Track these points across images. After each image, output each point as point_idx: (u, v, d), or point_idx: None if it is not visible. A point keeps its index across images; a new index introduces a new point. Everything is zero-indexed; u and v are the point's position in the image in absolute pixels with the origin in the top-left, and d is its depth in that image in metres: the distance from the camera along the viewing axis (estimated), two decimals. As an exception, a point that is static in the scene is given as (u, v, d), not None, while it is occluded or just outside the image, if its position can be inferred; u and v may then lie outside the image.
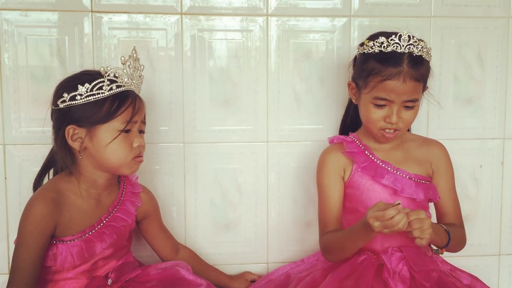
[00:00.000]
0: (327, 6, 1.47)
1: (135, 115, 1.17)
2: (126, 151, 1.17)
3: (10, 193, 1.42)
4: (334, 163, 1.34)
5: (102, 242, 1.19)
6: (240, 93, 1.47)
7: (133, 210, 1.27)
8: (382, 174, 1.29)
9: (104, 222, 1.21)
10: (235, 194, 1.51)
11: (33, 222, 1.13)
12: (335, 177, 1.34)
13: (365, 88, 1.26)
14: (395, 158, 1.33)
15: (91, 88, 1.14)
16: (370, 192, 1.30)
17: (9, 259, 1.43)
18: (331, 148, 1.37)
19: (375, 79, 1.23)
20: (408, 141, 1.37)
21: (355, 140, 1.34)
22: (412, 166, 1.32)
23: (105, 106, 1.15)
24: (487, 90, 1.55)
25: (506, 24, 1.53)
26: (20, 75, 1.39)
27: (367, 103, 1.27)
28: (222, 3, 1.44)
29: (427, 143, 1.38)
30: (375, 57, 1.24)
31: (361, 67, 1.28)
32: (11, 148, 1.41)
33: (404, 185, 1.28)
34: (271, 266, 1.53)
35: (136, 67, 1.21)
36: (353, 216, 1.33)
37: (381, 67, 1.22)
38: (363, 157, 1.31)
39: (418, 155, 1.35)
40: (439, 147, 1.37)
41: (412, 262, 1.22)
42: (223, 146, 1.49)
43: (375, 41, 1.24)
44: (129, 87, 1.18)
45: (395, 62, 1.21)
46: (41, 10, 1.38)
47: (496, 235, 1.60)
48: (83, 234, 1.18)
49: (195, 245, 1.51)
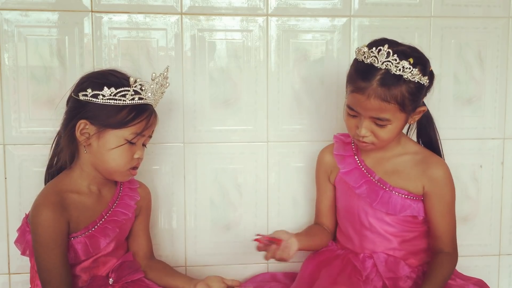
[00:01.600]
0: (327, 6, 1.47)
1: (146, 129, 1.19)
2: (125, 160, 1.19)
3: (10, 193, 1.42)
4: (324, 163, 1.39)
5: (105, 237, 1.20)
6: (240, 93, 1.47)
7: (133, 204, 1.27)
8: (359, 183, 1.27)
9: (106, 217, 1.22)
10: (235, 194, 1.51)
11: (48, 227, 1.13)
12: (324, 177, 1.39)
13: (346, 93, 1.24)
14: (383, 168, 1.29)
15: (116, 93, 1.15)
16: (350, 198, 1.32)
17: (9, 259, 1.44)
18: (326, 148, 1.40)
19: (348, 87, 1.21)
20: (408, 154, 1.30)
21: (352, 142, 1.33)
22: (398, 180, 1.27)
23: (121, 113, 1.16)
24: (487, 90, 1.55)
25: (506, 24, 1.53)
26: (20, 75, 1.39)
27: (344, 108, 1.25)
28: (222, 3, 1.44)
29: (426, 162, 1.28)
30: (356, 65, 1.21)
31: (348, 71, 1.24)
32: (11, 148, 1.41)
33: (380, 197, 1.25)
34: (271, 266, 1.53)
35: (162, 84, 1.22)
36: (339, 216, 1.38)
37: (355, 77, 1.18)
38: (349, 161, 1.31)
39: (410, 172, 1.27)
40: (439, 169, 1.27)
41: (382, 268, 1.24)
42: (223, 146, 1.49)
43: (359, 50, 1.19)
44: (150, 101, 1.20)
45: (366, 77, 1.15)
46: (41, 10, 1.38)
47: (496, 235, 1.60)
48: (87, 230, 1.19)
49: (195, 245, 1.51)
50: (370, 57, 1.16)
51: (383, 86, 1.14)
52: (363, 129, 1.19)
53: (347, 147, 1.34)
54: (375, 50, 1.14)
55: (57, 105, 1.33)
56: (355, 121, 1.22)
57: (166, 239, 1.49)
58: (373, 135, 1.20)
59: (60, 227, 1.14)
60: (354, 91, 1.18)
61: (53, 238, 1.13)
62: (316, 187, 1.43)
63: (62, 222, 1.15)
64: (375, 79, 1.14)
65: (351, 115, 1.22)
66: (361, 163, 1.30)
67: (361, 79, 1.16)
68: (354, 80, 1.18)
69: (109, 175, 1.22)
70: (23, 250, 1.22)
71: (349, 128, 1.25)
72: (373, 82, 1.14)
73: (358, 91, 1.16)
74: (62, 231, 1.15)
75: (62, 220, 1.15)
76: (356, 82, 1.17)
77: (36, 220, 1.14)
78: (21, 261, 1.40)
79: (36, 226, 1.14)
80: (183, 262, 1.51)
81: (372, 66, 1.15)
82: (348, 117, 1.23)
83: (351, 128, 1.24)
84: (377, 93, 1.14)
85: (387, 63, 1.14)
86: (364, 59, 1.17)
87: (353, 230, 1.32)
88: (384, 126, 1.19)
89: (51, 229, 1.13)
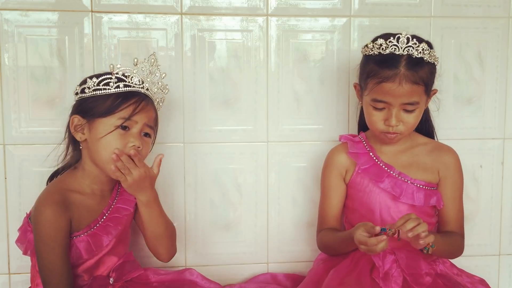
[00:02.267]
0: (327, 6, 1.47)
1: (135, 114, 1.17)
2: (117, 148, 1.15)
3: (10, 193, 1.42)
4: (337, 164, 1.36)
5: (108, 235, 1.21)
6: (240, 93, 1.47)
7: (132, 198, 1.26)
8: (382, 178, 1.29)
9: (107, 215, 1.22)
10: (235, 194, 1.51)
11: (50, 227, 1.13)
12: (337, 178, 1.36)
13: (365, 90, 1.26)
14: (400, 162, 1.32)
15: (98, 82, 1.18)
16: (370, 194, 1.31)
17: (9, 259, 1.44)
18: (337, 148, 1.39)
19: (372, 81, 1.23)
20: (419, 145, 1.35)
21: (362, 140, 1.35)
22: (417, 172, 1.31)
23: (108, 101, 1.17)
24: (487, 90, 1.55)
25: (506, 24, 1.53)
26: (20, 75, 1.39)
27: (367, 105, 1.27)
28: (222, 3, 1.44)
29: (438, 149, 1.35)
30: (374, 59, 1.24)
31: (363, 69, 1.29)
32: (11, 148, 1.41)
33: (404, 190, 1.28)
34: (271, 266, 1.53)
35: (152, 72, 1.22)
36: (354, 215, 1.35)
37: (378, 69, 1.22)
38: (366, 158, 1.32)
39: (426, 161, 1.33)
40: (451, 155, 1.34)
41: (404, 265, 1.22)
42: (223, 146, 1.49)
43: (374, 43, 1.24)
44: (139, 89, 1.20)
45: (392, 64, 1.20)
46: (41, 10, 1.38)
47: (496, 235, 1.60)
48: (89, 229, 1.19)
49: (195, 245, 1.51)
50: (389, 47, 1.21)
51: (410, 69, 1.20)
52: (393, 118, 1.22)
53: (359, 145, 1.34)
54: (393, 39, 1.21)
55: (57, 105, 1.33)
56: (382, 114, 1.24)
57: (166, 239, 1.49)
58: (402, 123, 1.24)
59: (62, 226, 1.14)
60: (382, 81, 1.21)
61: (55, 237, 1.13)
62: (325, 190, 1.38)
63: (64, 221, 1.15)
64: (401, 65, 1.20)
65: (378, 108, 1.24)
66: (378, 159, 1.32)
67: (388, 68, 1.20)
68: (379, 72, 1.21)
69: (103, 166, 1.19)
70: (25, 249, 1.22)
71: (375, 122, 1.26)
72: (400, 68, 1.20)
73: (388, 80, 1.20)
74: (63, 230, 1.15)
75: (64, 219, 1.15)
76: (382, 72, 1.21)
77: (38, 219, 1.15)
78: (21, 261, 1.40)
79: (38, 225, 1.15)
80: (183, 262, 1.51)
81: (394, 55, 1.21)
82: (374, 111, 1.25)
83: (377, 122, 1.25)
84: (407, 77, 1.19)
85: (408, 48, 1.20)
86: (382, 51, 1.22)
87: None
88: (413, 111, 1.24)
89: (53, 227, 1.13)
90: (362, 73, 1.29)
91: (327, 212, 1.37)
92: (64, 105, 1.38)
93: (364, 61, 1.29)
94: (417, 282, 1.20)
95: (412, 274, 1.22)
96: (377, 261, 1.23)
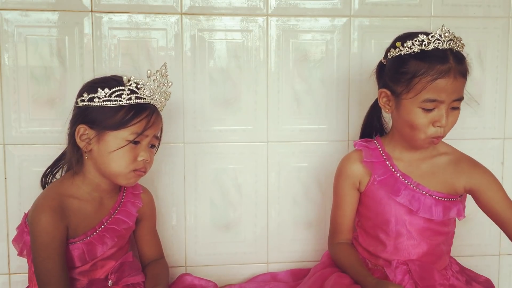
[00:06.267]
0: (327, 6, 1.47)
1: (147, 129, 1.16)
2: (127, 162, 1.16)
3: (10, 193, 1.42)
4: (350, 173, 1.29)
5: (103, 245, 1.19)
6: (240, 93, 1.47)
7: (134, 212, 1.26)
8: (399, 191, 1.22)
9: (105, 225, 1.21)
10: (235, 194, 1.51)
11: (47, 232, 1.12)
12: (350, 188, 1.30)
13: (409, 93, 1.16)
14: (419, 171, 1.25)
15: (110, 94, 1.14)
16: (385, 206, 1.25)
17: (9, 259, 1.44)
18: (350, 157, 1.32)
19: (423, 80, 1.14)
20: (441, 154, 1.28)
21: (378, 147, 1.28)
22: (436, 183, 1.24)
23: (119, 114, 1.14)
24: (487, 90, 1.55)
25: (506, 24, 1.53)
26: (20, 75, 1.39)
27: (412, 108, 1.16)
28: (222, 3, 1.44)
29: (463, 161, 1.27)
30: (416, 57, 1.15)
31: (399, 70, 1.18)
32: (11, 148, 1.41)
33: (422, 204, 1.21)
34: (271, 266, 1.53)
35: (162, 83, 1.20)
36: (368, 223, 1.30)
37: (427, 66, 1.13)
38: (382, 168, 1.25)
39: (448, 172, 1.25)
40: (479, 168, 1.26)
41: (417, 276, 1.19)
42: (223, 146, 1.49)
43: (414, 40, 1.15)
44: (149, 100, 1.18)
45: (442, 59, 1.13)
46: (41, 10, 1.38)
47: (496, 235, 1.60)
48: (85, 237, 1.18)
49: (195, 245, 1.51)
50: (432, 42, 1.14)
51: (459, 63, 1.15)
52: (444, 118, 1.15)
53: (375, 153, 1.27)
54: (435, 34, 1.14)
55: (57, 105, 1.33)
56: (430, 116, 1.16)
57: (166, 239, 1.49)
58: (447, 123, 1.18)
59: (58, 233, 1.13)
60: (437, 78, 1.12)
61: (51, 244, 1.12)
62: (338, 199, 1.33)
63: (60, 227, 1.13)
64: (450, 58, 1.14)
65: (428, 110, 1.15)
66: (394, 168, 1.25)
67: (440, 63, 1.13)
68: (430, 68, 1.13)
69: (114, 178, 1.19)
70: (20, 250, 1.22)
71: (424, 126, 1.17)
72: (451, 62, 1.14)
73: (443, 76, 1.13)
74: (60, 236, 1.13)
75: (61, 225, 1.13)
76: (434, 68, 1.13)
77: (35, 226, 1.13)
78: (21, 261, 1.40)
79: (35, 231, 1.13)
80: (183, 262, 1.51)
81: (438, 50, 1.14)
82: (423, 114, 1.16)
83: (425, 125, 1.16)
84: (459, 70, 1.14)
85: (450, 42, 1.15)
86: (425, 47, 1.14)
87: (386, 237, 1.25)
88: (458, 108, 1.18)
89: (50, 234, 1.12)
90: (398, 75, 1.18)
91: (340, 222, 1.32)
92: (64, 105, 1.38)
93: (399, 62, 1.18)
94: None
95: (426, 286, 1.19)
96: (389, 273, 1.21)
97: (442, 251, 1.27)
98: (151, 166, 1.23)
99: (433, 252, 1.25)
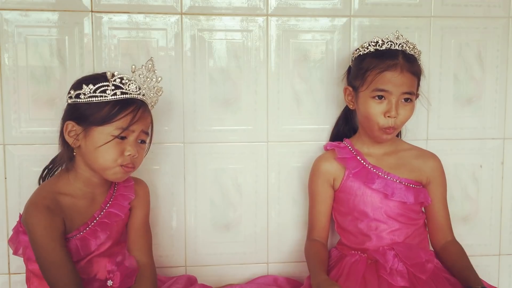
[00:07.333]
0: (327, 6, 1.47)
1: (132, 124, 1.16)
2: (114, 156, 1.16)
3: (10, 193, 1.42)
4: (324, 171, 1.39)
5: (96, 239, 1.19)
6: (240, 93, 1.47)
7: (126, 204, 1.26)
8: (373, 179, 1.32)
9: (97, 219, 1.21)
10: (235, 194, 1.51)
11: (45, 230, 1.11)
12: (324, 186, 1.39)
13: (363, 85, 1.30)
14: (387, 163, 1.36)
15: (95, 89, 1.14)
16: (362, 197, 1.34)
17: (9, 259, 1.44)
18: (323, 156, 1.42)
19: (373, 72, 1.27)
20: (404, 150, 1.40)
21: (348, 146, 1.38)
22: (404, 171, 1.35)
23: (105, 109, 1.14)
24: (487, 90, 1.55)
25: (506, 24, 1.53)
26: (20, 75, 1.39)
27: (366, 99, 1.29)
28: (222, 3, 1.44)
29: (423, 156, 1.40)
30: (371, 55, 1.30)
31: (358, 67, 1.33)
32: (11, 148, 1.41)
33: (395, 189, 1.32)
34: (271, 266, 1.53)
35: (149, 78, 1.20)
36: (347, 219, 1.37)
37: (378, 61, 1.27)
38: (354, 162, 1.35)
39: (412, 163, 1.37)
40: (436, 161, 1.39)
41: (405, 257, 1.26)
42: (223, 146, 1.49)
43: (370, 42, 1.31)
44: (136, 96, 1.18)
45: (392, 56, 1.27)
46: (41, 10, 1.38)
47: (496, 235, 1.60)
48: (78, 233, 1.18)
49: (195, 245, 1.51)
50: (385, 43, 1.29)
51: (408, 62, 1.27)
52: (394, 109, 1.26)
53: (346, 150, 1.38)
54: (389, 36, 1.29)
55: (57, 105, 1.33)
56: (382, 107, 1.28)
57: (166, 239, 1.49)
58: (399, 115, 1.28)
59: (57, 226, 1.13)
60: (384, 70, 1.26)
61: (52, 237, 1.11)
62: (311, 199, 1.42)
63: (56, 220, 1.13)
64: (400, 56, 1.27)
65: (378, 98, 1.27)
66: (365, 162, 1.35)
67: (389, 58, 1.27)
68: (380, 62, 1.27)
69: (102, 172, 1.19)
70: (15, 249, 1.21)
71: (375, 115, 1.29)
72: (400, 59, 1.27)
73: (390, 68, 1.26)
74: (59, 229, 1.13)
75: (56, 218, 1.13)
76: (384, 62, 1.26)
77: (30, 223, 1.13)
78: (21, 261, 1.39)
79: (31, 229, 1.13)
80: (183, 262, 1.51)
81: (391, 49, 1.28)
82: (374, 104, 1.28)
83: (376, 115, 1.28)
84: (406, 67, 1.27)
85: (402, 44, 1.29)
86: (379, 47, 1.29)
87: (368, 229, 1.34)
88: (410, 102, 1.29)
89: (48, 228, 1.11)
90: (357, 71, 1.33)
91: (315, 221, 1.41)
92: (64, 105, 1.38)
93: (358, 60, 1.33)
94: (421, 270, 1.24)
95: (414, 264, 1.25)
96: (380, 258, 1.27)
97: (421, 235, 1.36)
98: (140, 162, 1.22)
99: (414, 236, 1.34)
